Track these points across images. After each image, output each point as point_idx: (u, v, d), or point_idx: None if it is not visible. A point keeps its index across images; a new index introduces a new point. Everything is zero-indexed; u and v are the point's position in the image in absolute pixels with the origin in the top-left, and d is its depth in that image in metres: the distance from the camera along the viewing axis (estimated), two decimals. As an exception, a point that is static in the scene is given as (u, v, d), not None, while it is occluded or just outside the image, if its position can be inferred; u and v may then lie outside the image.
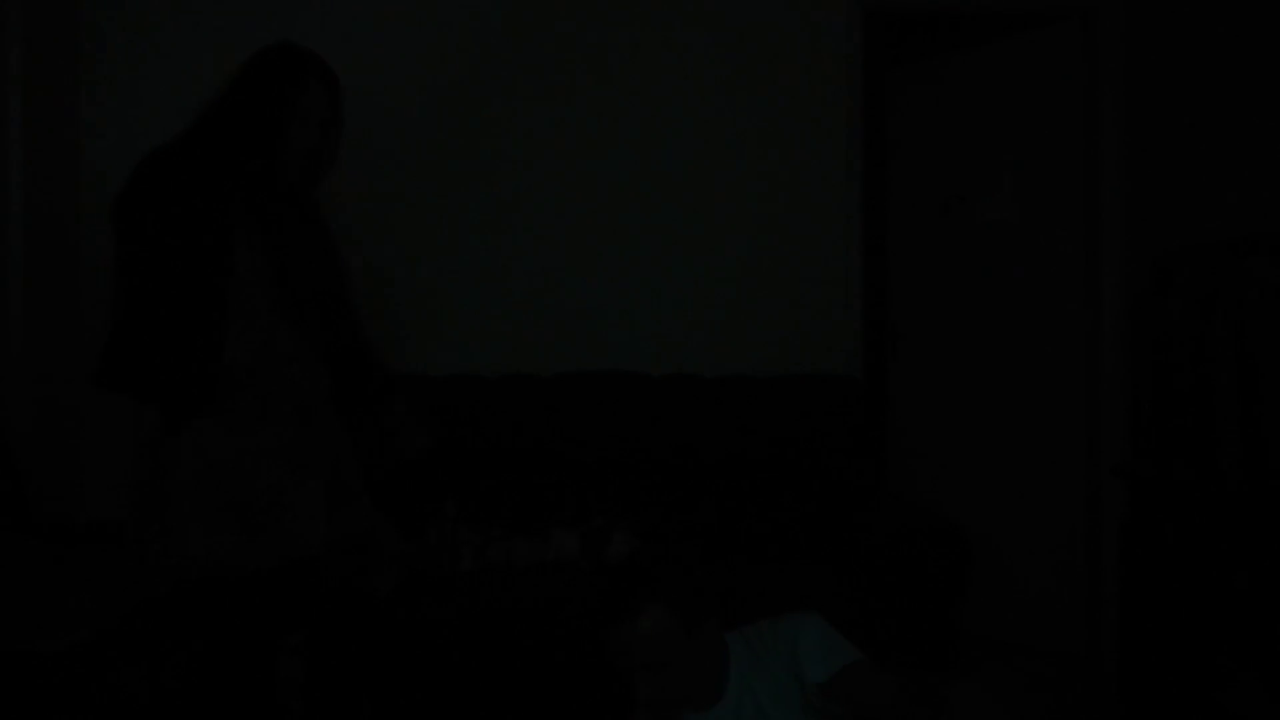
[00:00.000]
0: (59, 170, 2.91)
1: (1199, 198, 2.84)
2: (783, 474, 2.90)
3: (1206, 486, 2.34)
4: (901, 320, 3.85)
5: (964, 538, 2.40)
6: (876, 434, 3.81)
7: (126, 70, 3.00)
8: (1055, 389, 3.35)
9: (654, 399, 2.95)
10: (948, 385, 3.65)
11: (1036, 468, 3.39)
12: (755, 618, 1.79)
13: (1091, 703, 2.92)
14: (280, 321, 1.88)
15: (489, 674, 2.27)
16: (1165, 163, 3.00)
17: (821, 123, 3.24)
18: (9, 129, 2.68)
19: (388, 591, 2.22)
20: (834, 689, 1.59)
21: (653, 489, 2.86)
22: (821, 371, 3.14)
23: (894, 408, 3.88)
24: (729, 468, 2.91)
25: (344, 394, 2.06)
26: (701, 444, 2.92)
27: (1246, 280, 2.34)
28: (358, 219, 2.90)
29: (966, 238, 3.60)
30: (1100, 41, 3.21)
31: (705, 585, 2.35)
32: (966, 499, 3.51)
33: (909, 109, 3.82)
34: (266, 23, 2.99)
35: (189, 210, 1.83)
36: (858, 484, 2.90)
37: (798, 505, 2.85)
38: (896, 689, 1.56)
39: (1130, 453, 3.09)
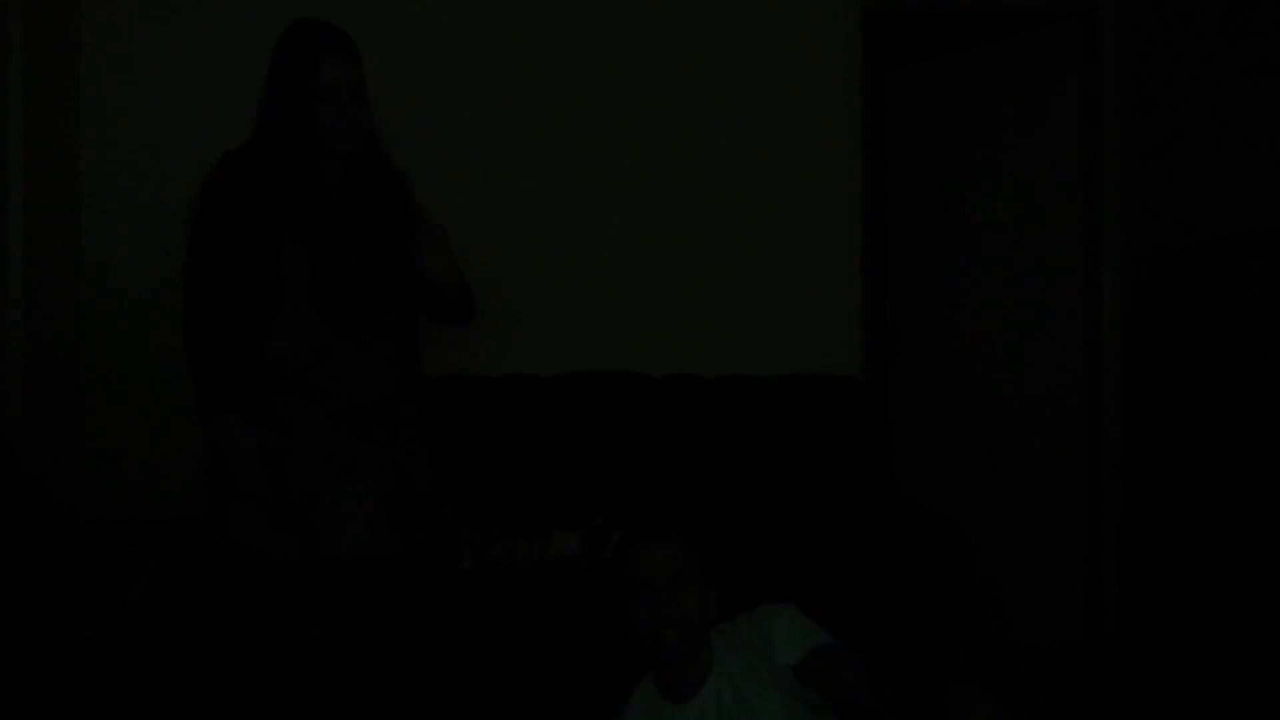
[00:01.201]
0: (59, 169, 2.91)
1: (1199, 198, 2.84)
2: (783, 474, 2.90)
3: (1206, 487, 2.34)
4: (901, 320, 3.85)
5: (965, 537, 2.40)
6: (877, 434, 3.81)
7: (127, 70, 3.00)
8: (1055, 389, 3.35)
9: (654, 399, 2.95)
10: (948, 385, 3.65)
11: (1036, 468, 3.39)
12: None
13: (1091, 703, 2.92)
14: (326, 321, 1.89)
15: (488, 675, 2.27)
16: (1165, 163, 2.99)
17: (821, 123, 3.23)
18: (9, 129, 2.67)
19: (388, 592, 2.22)
20: (805, 671, 1.58)
21: (653, 489, 2.86)
22: (821, 371, 3.14)
23: (894, 408, 3.88)
24: (729, 468, 2.91)
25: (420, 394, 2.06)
26: (701, 444, 2.92)
27: (1246, 280, 2.34)
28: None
29: (966, 238, 3.60)
30: (1100, 41, 3.21)
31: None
32: (966, 499, 3.51)
33: (909, 109, 3.82)
34: (270, 22, 2.99)
35: (230, 214, 1.88)
36: (858, 484, 2.90)
37: (798, 505, 2.85)
38: (866, 670, 1.54)
39: (1130, 453, 3.09)
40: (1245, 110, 2.66)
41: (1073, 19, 3.31)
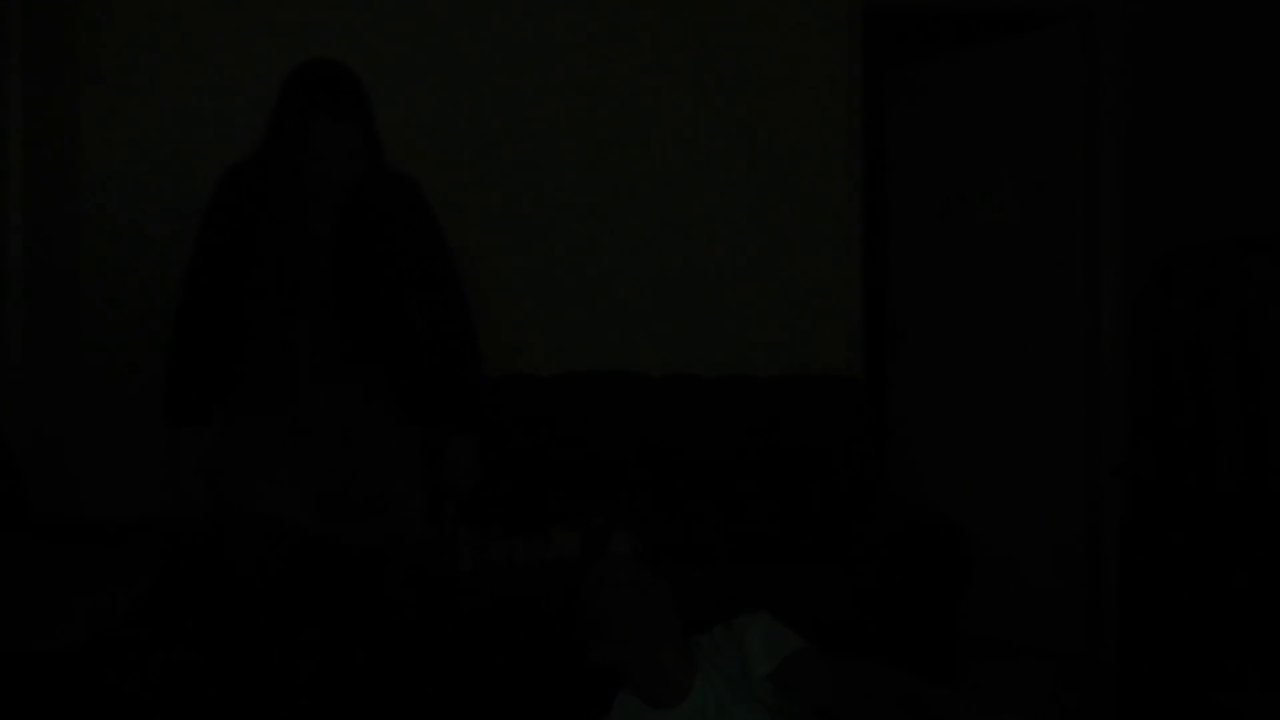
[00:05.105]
0: (59, 172, 2.90)
1: (1199, 198, 2.84)
2: (783, 474, 2.90)
3: (1206, 486, 2.34)
4: (901, 320, 3.85)
5: (965, 537, 2.40)
6: (877, 434, 3.81)
7: (126, 70, 3.00)
8: (1055, 388, 3.35)
9: (654, 399, 2.95)
10: (948, 385, 3.65)
11: (1036, 468, 3.39)
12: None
13: (1091, 703, 2.92)
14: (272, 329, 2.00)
15: (487, 673, 2.27)
16: (1165, 162, 3.00)
17: (821, 123, 3.23)
18: (9, 129, 2.67)
19: (387, 592, 2.22)
20: (780, 680, 1.58)
21: (653, 489, 2.86)
22: (821, 371, 3.14)
23: (894, 408, 3.88)
24: (729, 468, 2.91)
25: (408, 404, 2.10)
26: (701, 444, 2.92)
27: (1246, 280, 2.34)
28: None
29: (966, 238, 3.60)
30: (1100, 41, 3.21)
31: (706, 586, 2.36)
32: (966, 499, 3.50)
33: (909, 109, 3.82)
34: (270, 24, 2.99)
35: (221, 229, 2.00)
36: (858, 484, 2.90)
37: (798, 505, 2.85)
38: (839, 677, 1.53)
39: (1130, 453, 3.09)
40: (1245, 110, 2.66)
41: (1073, 19, 3.31)
